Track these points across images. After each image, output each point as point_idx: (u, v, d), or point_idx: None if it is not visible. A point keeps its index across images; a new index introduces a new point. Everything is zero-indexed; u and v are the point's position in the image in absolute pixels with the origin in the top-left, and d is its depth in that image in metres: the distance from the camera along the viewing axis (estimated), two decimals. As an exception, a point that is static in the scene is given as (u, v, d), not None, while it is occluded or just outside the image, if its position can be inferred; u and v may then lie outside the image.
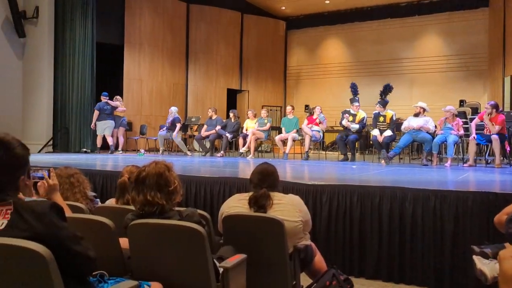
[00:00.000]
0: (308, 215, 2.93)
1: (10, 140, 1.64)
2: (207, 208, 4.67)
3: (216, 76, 14.29)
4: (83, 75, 10.78)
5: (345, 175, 6.13)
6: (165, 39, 13.16)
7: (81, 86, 10.80)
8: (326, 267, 3.03)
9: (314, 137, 9.31)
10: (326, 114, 13.90)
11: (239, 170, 6.96)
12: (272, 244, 2.69)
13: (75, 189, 2.95)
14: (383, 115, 8.50)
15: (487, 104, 7.53)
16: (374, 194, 4.12)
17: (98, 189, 5.38)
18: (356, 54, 14.79)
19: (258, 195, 2.77)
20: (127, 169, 3.02)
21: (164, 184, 2.25)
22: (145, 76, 12.79)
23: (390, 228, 4.03)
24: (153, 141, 11.42)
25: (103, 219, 2.28)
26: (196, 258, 2.12)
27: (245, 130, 10.07)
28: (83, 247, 1.66)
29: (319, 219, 4.24)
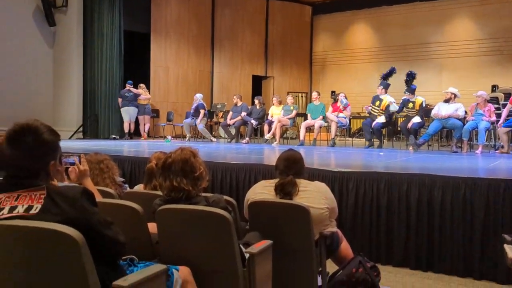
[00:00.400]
0: (334, 202, 2.92)
1: (38, 126, 1.67)
2: (232, 194, 4.70)
3: (241, 62, 14.26)
4: (111, 63, 10.95)
5: (372, 162, 6.05)
6: (190, 27, 13.19)
7: (109, 74, 10.97)
8: (352, 254, 3.02)
9: (340, 123, 9.22)
10: (353, 100, 13.69)
11: (264, 157, 6.97)
12: (298, 230, 2.69)
13: (105, 174, 3.01)
14: (413, 101, 8.32)
15: None
16: (402, 181, 4.06)
17: (127, 174, 5.48)
18: (383, 39, 14.49)
19: (285, 182, 2.77)
20: (154, 155, 3.06)
21: (189, 170, 2.28)
22: (171, 64, 12.88)
23: (418, 216, 3.97)
24: (180, 128, 11.53)
25: (132, 204, 2.32)
26: (222, 244, 2.14)
27: (270, 117, 10.04)
28: (113, 231, 1.70)
29: (345, 206, 4.22)
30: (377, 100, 8.77)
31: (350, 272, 2.87)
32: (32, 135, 1.64)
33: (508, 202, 3.68)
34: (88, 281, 1.51)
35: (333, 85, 14.64)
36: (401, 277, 3.78)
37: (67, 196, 1.61)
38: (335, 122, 9.08)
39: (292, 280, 2.78)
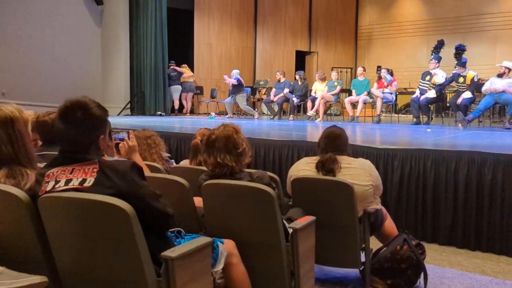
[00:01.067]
0: (379, 179, 2.89)
1: (87, 102, 1.75)
2: (275, 170, 4.73)
3: (284, 38, 14.10)
4: (156, 41, 11.12)
5: (419, 139, 5.90)
6: (233, 3, 13.13)
7: (154, 51, 11.16)
8: (397, 232, 3.00)
9: (386, 99, 9.00)
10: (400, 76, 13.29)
11: (307, 134, 6.94)
12: (341, 207, 2.69)
13: (152, 150, 3.11)
14: (463, 76, 7.97)
15: None
16: (450, 159, 3.94)
17: (173, 150, 5.62)
18: (433, 10, 13.86)
19: (325, 159, 2.76)
20: (199, 132, 3.12)
21: (232, 147, 2.31)
22: (214, 41, 12.92)
23: (466, 194, 3.86)
24: (223, 105, 11.63)
25: (178, 178, 2.39)
26: (266, 218, 2.18)
27: (313, 93, 9.93)
28: (162, 203, 1.76)
29: (390, 184, 4.15)
30: (427, 74, 8.47)
31: (394, 249, 2.86)
32: (81, 110, 1.72)
33: None
34: (139, 250, 1.59)
35: (379, 60, 14.22)
36: (447, 255, 3.71)
37: (118, 170, 1.69)
38: (380, 98, 8.87)
39: (335, 256, 2.80)
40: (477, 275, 3.29)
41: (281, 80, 10.52)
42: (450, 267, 3.44)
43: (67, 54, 10.52)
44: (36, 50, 9.98)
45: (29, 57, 9.81)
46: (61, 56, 10.38)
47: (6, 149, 1.86)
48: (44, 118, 2.71)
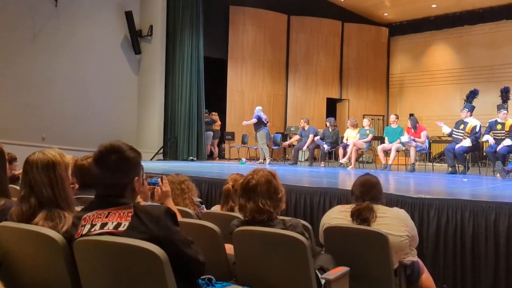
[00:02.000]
0: (415, 230, 2.80)
1: (120, 145, 1.81)
2: (306, 218, 4.66)
3: (316, 85, 14.28)
4: (191, 88, 11.46)
5: (455, 189, 5.72)
6: (266, 52, 13.49)
7: (189, 98, 11.47)
8: (435, 286, 2.86)
9: (419, 147, 8.85)
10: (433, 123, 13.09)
11: (338, 181, 6.85)
12: (376, 258, 2.60)
13: (185, 195, 3.13)
14: (502, 123, 7.79)
15: None
16: (489, 210, 3.79)
17: (204, 195, 5.64)
18: (465, 60, 13.83)
19: (361, 207, 2.70)
20: (231, 177, 3.14)
21: (273, 192, 2.29)
22: (247, 88, 13.21)
23: (508, 247, 3.67)
24: (254, 150, 11.71)
25: (210, 224, 2.38)
26: (298, 268, 2.13)
27: (345, 140, 9.89)
28: (194, 250, 1.76)
29: (426, 235, 4.01)
30: (461, 124, 8.33)
31: (432, 305, 2.72)
32: (115, 153, 1.77)
33: None
34: (170, 297, 1.57)
35: (411, 108, 14.15)
36: (489, 314, 3.50)
37: (152, 215, 1.70)
38: (413, 146, 8.73)
39: (370, 310, 2.68)
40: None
41: (305, 127, 10.54)
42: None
43: (105, 101, 10.96)
44: (75, 96, 10.43)
45: (68, 103, 10.26)
46: (99, 102, 10.81)
47: (47, 192, 1.92)
48: (81, 162, 2.79)
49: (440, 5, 13.39)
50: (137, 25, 11.58)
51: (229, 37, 12.94)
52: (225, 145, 12.93)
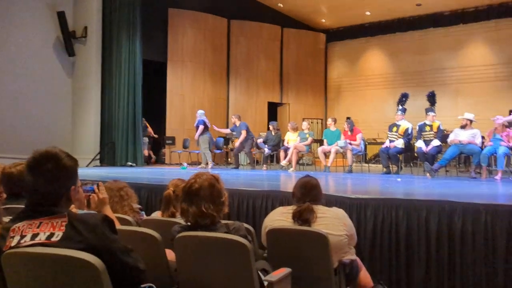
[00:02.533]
0: (353, 229, 2.89)
1: (58, 152, 1.72)
2: (249, 221, 4.67)
3: (257, 89, 14.42)
4: (128, 92, 11.14)
5: (390, 189, 5.99)
6: (206, 55, 13.44)
7: (127, 102, 11.15)
8: (372, 283, 2.97)
9: (355, 149, 9.18)
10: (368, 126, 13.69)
11: (280, 184, 6.95)
12: (316, 258, 2.66)
13: (124, 202, 3.04)
14: (430, 125, 8.27)
15: None
16: (421, 208, 4.00)
17: (144, 201, 5.50)
18: (398, 65, 14.55)
19: (302, 208, 2.75)
20: (172, 182, 3.08)
21: (216, 195, 2.27)
22: (187, 92, 13.08)
23: (438, 243, 3.89)
24: (196, 155, 11.60)
25: (150, 231, 2.33)
26: (241, 271, 2.13)
27: (286, 143, 10.06)
28: (133, 258, 1.70)
29: (364, 234, 4.15)
30: (394, 126, 8.75)
31: (370, 301, 2.82)
32: (51, 161, 1.68)
33: (531, 230, 3.59)
34: (108, 309, 1.51)
35: (348, 112, 14.65)
36: (423, 306, 3.68)
37: (88, 224, 1.63)
38: (349, 149, 9.05)
39: (311, 309, 2.73)
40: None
41: (237, 123, 10.48)
42: (426, 319, 3.40)
43: (36, 105, 10.41)
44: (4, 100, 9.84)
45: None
46: (30, 107, 10.26)
47: (-31, 202, 1.79)
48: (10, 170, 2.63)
49: (373, 13, 14.00)
50: (70, 26, 11.11)
51: (168, 40, 12.75)
52: (165, 150, 12.71)
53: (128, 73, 11.15)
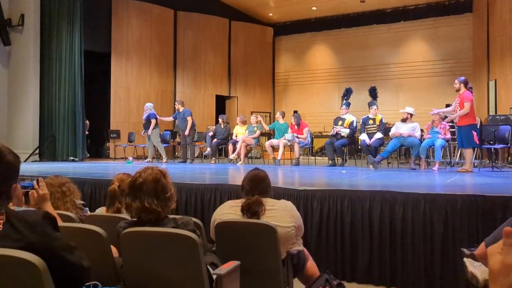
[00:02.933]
0: (301, 220, 2.94)
1: (1, 148, 1.61)
2: (197, 215, 4.65)
3: (205, 82, 14.30)
4: (69, 83, 10.71)
5: (335, 180, 6.15)
6: (152, 47, 13.15)
7: (68, 94, 10.71)
8: (318, 273, 3.03)
9: (302, 142, 9.35)
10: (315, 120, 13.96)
11: (229, 177, 6.95)
12: (265, 250, 2.68)
13: (66, 198, 2.92)
14: (373, 118, 8.57)
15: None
16: (364, 198, 4.14)
17: (87, 197, 5.32)
18: (343, 60, 14.93)
19: (251, 201, 2.77)
20: (117, 177, 2.99)
21: (161, 191, 2.23)
22: (133, 84, 12.75)
23: (380, 232, 4.05)
24: (141, 149, 11.36)
25: (94, 227, 2.25)
26: (190, 266, 2.11)
27: (234, 137, 10.07)
28: (76, 256, 1.64)
29: (311, 224, 4.25)
30: (340, 120, 8.98)
31: (317, 290, 2.88)
32: None
33: (465, 217, 3.82)
34: (50, 309, 1.45)
35: (295, 105, 14.89)
36: (366, 293, 3.83)
37: (28, 221, 1.55)
38: (296, 143, 9.21)
39: (260, 301, 2.76)
40: (394, 310, 3.41)
41: (180, 109, 10.22)
42: (370, 305, 3.53)
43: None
44: None
45: None
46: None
47: None
48: None
49: (319, 8, 14.26)
50: (6, 13, 10.50)
51: (112, 31, 12.35)
52: (109, 144, 12.34)
53: (69, 64, 10.71)
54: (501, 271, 0.70)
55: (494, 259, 0.71)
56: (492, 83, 11.28)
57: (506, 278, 0.69)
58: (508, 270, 0.69)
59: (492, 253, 0.72)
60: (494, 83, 11.14)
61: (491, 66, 11.44)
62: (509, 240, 0.70)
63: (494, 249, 0.72)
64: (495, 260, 0.71)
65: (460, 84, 6.95)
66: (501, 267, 0.70)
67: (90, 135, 11.94)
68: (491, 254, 0.72)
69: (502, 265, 0.70)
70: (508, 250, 0.70)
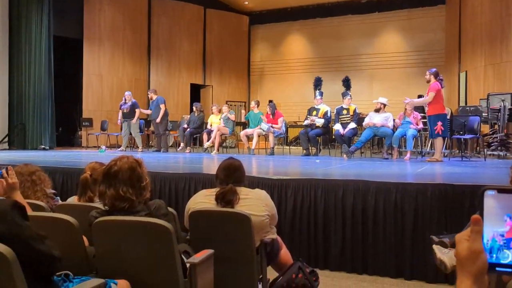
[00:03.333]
0: (274, 209, 2.96)
1: None
2: (172, 204, 4.63)
3: (179, 71, 14.15)
4: (39, 70, 10.43)
5: (309, 170, 6.21)
6: (125, 34, 12.92)
7: (38, 81, 10.44)
8: (292, 260, 3.07)
9: (277, 132, 9.39)
10: (289, 110, 14.01)
11: (203, 166, 6.93)
12: (239, 238, 2.70)
13: (37, 187, 2.86)
14: (346, 108, 8.65)
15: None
16: (338, 187, 4.20)
17: (58, 186, 5.23)
18: (318, 50, 14.99)
19: (225, 190, 2.77)
20: (89, 166, 2.95)
21: (136, 180, 2.21)
22: (105, 72, 12.52)
23: (353, 220, 4.13)
24: (115, 137, 11.19)
25: (65, 216, 2.22)
26: (163, 255, 2.10)
27: (209, 126, 10.02)
28: (47, 246, 1.61)
29: (284, 213, 4.29)
30: (314, 110, 9.03)
31: (290, 278, 2.92)
32: None
33: (434, 205, 3.92)
34: (20, 299, 1.43)
35: (270, 95, 14.90)
36: (338, 280, 3.90)
37: (-4, 211, 1.52)
38: (271, 132, 9.24)
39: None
40: (365, 296, 3.50)
41: (153, 98, 10.21)
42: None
43: None
44: None
45: None
46: None
47: None
48: None
49: (295, -3, 14.25)
50: (-28, -4, 10.12)
51: (84, 16, 12.05)
52: (81, 132, 12.12)
53: (38, 50, 10.42)
54: (468, 257, 0.72)
55: (461, 246, 0.73)
56: (463, 75, 11.53)
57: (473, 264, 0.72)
58: (476, 256, 0.72)
59: (460, 240, 0.74)
60: (465, 75, 11.39)
61: (462, 58, 11.69)
62: (476, 227, 0.73)
63: (462, 236, 0.75)
64: (462, 247, 0.73)
65: (431, 75, 7.17)
66: (469, 253, 0.72)
67: (62, 123, 11.69)
68: (459, 241, 0.74)
69: (469, 251, 0.72)
70: (475, 237, 0.73)
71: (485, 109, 8.90)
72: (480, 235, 0.73)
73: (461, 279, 0.72)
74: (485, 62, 10.57)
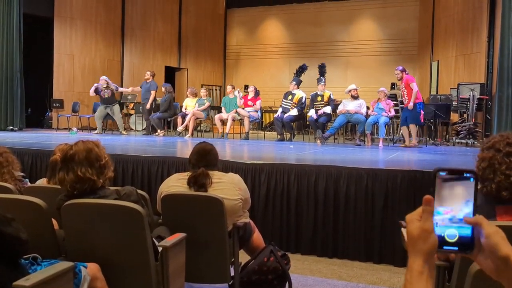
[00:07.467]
0: (248, 193, 2.98)
1: None
2: (144, 188, 4.59)
3: (154, 52, 13.90)
4: (8, 49, 10.09)
5: (283, 155, 6.25)
6: (98, 13, 12.58)
7: (6, 60, 10.10)
8: (264, 244, 3.10)
9: (252, 117, 9.38)
10: (265, 95, 13.96)
11: (177, 150, 6.88)
12: (212, 222, 2.71)
13: (4, 169, 2.79)
14: (321, 95, 8.71)
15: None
16: (311, 172, 4.25)
17: (27, 168, 5.11)
18: (294, 36, 14.96)
19: (197, 174, 2.77)
20: (59, 147, 2.89)
21: (94, 159, 2.17)
22: (77, 52, 12.20)
23: (325, 205, 4.19)
24: (86, 119, 10.97)
25: (34, 199, 2.18)
26: (134, 238, 2.09)
27: (184, 109, 9.92)
28: (14, 228, 1.58)
29: (258, 197, 4.32)
30: (289, 95, 9.06)
31: (261, 261, 2.95)
32: None
33: (404, 191, 4.01)
34: (-15, 283, 1.40)
35: (246, 80, 14.83)
36: (309, 264, 3.97)
37: (-41, 192, 1.48)
38: (247, 116, 9.23)
39: (205, 272, 2.80)
40: (335, 280, 3.58)
41: (148, 80, 10.25)
42: (312, 275, 3.68)
43: None
44: None
45: None
46: None
47: None
48: None
49: (272, -19, 14.13)
50: None
51: (55, -7, 11.67)
52: (52, 113, 11.82)
53: (6, 28, 10.06)
54: (420, 236, 0.74)
55: (413, 226, 0.75)
56: (434, 64, 11.74)
57: (424, 242, 0.74)
58: (427, 235, 0.74)
59: (411, 220, 0.76)
60: (436, 64, 11.60)
61: (434, 48, 11.89)
62: (428, 207, 0.75)
63: (413, 216, 0.76)
64: (414, 226, 0.75)
65: (401, 72, 7.60)
66: (420, 232, 0.74)
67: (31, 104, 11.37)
68: (410, 221, 0.76)
69: (420, 230, 0.74)
70: (427, 216, 0.75)
71: (455, 98, 9.11)
72: (431, 215, 0.75)
73: (413, 258, 0.74)
74: (456, 52, 10.78)
